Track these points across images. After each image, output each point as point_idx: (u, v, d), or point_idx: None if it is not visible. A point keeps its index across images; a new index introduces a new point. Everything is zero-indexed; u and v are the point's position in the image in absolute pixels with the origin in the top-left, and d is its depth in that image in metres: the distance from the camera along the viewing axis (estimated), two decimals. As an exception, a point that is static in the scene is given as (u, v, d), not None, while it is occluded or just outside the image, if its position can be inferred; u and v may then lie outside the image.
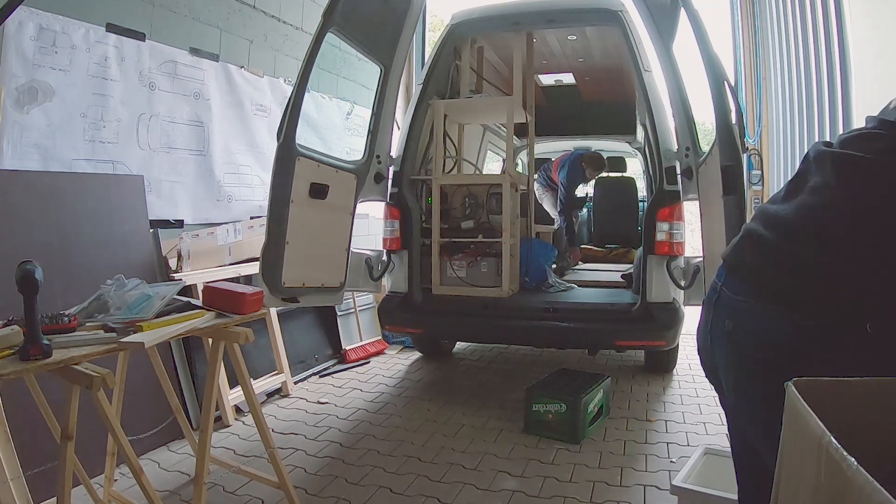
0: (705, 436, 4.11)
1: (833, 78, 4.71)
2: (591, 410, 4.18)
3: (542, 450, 3.91)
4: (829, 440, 0.94)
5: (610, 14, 4.66)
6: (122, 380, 2.96)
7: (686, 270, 4.38)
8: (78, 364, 2.14)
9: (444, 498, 3.26)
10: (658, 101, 4.52)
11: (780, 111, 6.53)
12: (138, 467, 2.40)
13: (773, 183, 6.95)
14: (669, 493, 2.87)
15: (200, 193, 4.74)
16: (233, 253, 4.78)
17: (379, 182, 4.76)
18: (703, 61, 3.27)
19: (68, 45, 3.68)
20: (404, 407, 4.76)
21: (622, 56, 5.48)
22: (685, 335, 4.54)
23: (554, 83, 7.37)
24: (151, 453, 3.78)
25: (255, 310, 2.87)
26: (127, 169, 4.10)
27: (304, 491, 3.30)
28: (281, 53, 5.62)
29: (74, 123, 3.76)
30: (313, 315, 5.88)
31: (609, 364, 5.99)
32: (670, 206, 4.34)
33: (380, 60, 4.64)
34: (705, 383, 5.20)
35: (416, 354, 6.40)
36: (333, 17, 3.80)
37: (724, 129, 3.20)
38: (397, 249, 4.79)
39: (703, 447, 3.04)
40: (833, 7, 4.66)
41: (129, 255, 3.94)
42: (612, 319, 4.52)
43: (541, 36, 5.85)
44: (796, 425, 1.14)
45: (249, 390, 2.92)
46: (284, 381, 4.99)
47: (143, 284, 2.75)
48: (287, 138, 3.70)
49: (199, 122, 4.68)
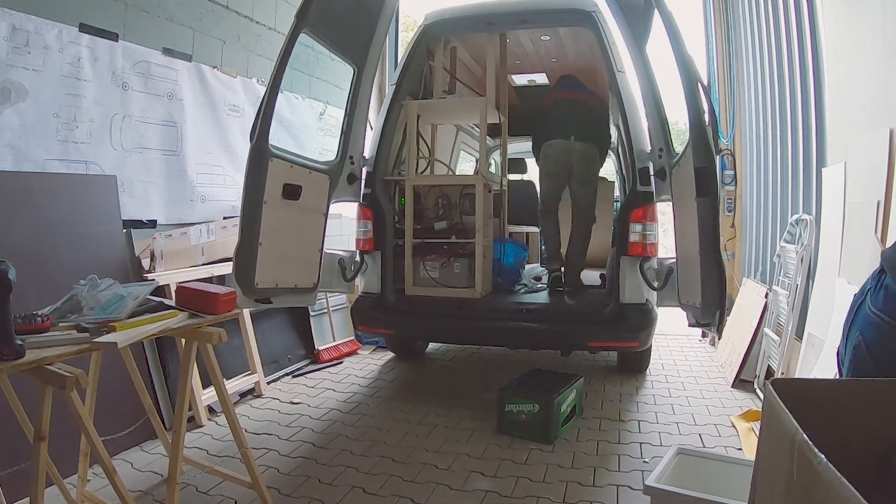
0: (678, 436, 4.16)
1: (806, 78, 4.77)
2: (563, 411, 4.21)
3: (515, 450, 3.93)
4: (802, 437, 0.98)
5: (583, 15, 4.68)
6: (96, 380, 2.95)
7: (659, 271, 4.40)
8: (51, 364, 2.15)
9: (417, 498, 3.28)
10: (631, 102, 4.52)
11: (753, 111, 6.59)
12: (111, 467, 2.40)
13: (746, 183, 7.04)
14: (642, 493, 2.87)
15: (173, 194, 4.72)
16: (206, 253, 4.77)
17: (352, 183, 4.76)
18: (676, 62, 3.30)
19: (41, 46, 3.66)
20: (377, 407, 4.77)
21: (595, 56, 5.48)
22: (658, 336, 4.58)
23: (527, 83, 7.40)
24: (124, 453, 3.77)
25: (228, 310, 2.88)
26: (100, 169, 4.08)
27: (278, 491, 3.32)
28: (254, 54, 5.61)
29: (47, 124, 3.74)
30: (286, 315, 5.88)
31: (582, 364, 6.03)
32: (643, 207, 4.35)
33: (353, 61, 4.65)
34: (678, 383, 5.32)
35: (390, 355, 6.42)
36: (306, 18, 3.81)
37: (698, 130, 3.23)
38: (370, 250, 4.79)
39: (676, 447, 3.04)
40: (806, 7, 4.71)
41: (103, 256, 3.93)
42: (584, 320, 4.54)
43: (514, 36, 5.86)
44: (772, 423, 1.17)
45: (222, 390, 2.93)
46: (257, 382, 4.99)
47: (116, 285, 2.75)
48: (260, 139, 3.70)
49: (172, 123, 4.67)
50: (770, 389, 1.19)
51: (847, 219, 3.90)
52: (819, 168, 4.55)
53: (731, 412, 4.56)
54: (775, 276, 5.28)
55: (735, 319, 6.01)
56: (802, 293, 4.62)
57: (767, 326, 5.19)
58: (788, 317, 4.69)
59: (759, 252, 6.32)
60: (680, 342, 7.06)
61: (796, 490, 1.00)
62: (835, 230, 4.06)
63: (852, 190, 3.85)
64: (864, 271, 3.40)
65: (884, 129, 3.39)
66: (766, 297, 5.35)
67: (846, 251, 3.88)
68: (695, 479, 2.74)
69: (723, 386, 5.30)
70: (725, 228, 7.08)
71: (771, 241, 5.82)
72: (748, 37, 6.63)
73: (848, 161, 3.92)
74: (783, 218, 5.42)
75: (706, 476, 2.83)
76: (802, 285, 4.62)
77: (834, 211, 4.12)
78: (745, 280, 6.46)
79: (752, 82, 6.63)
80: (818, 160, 4.59)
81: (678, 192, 3.89)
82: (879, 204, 3.37)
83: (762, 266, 6.10)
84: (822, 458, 0.89)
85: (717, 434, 4.18)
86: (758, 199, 6.46)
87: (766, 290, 5.45)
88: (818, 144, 4.59)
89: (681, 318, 4.13)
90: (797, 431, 1.00)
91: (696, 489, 2.55)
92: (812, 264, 4.56)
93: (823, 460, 0.89)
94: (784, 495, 1.07)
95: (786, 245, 4.99)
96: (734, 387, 5.23)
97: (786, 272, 4.97)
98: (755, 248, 6.54)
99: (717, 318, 3.32)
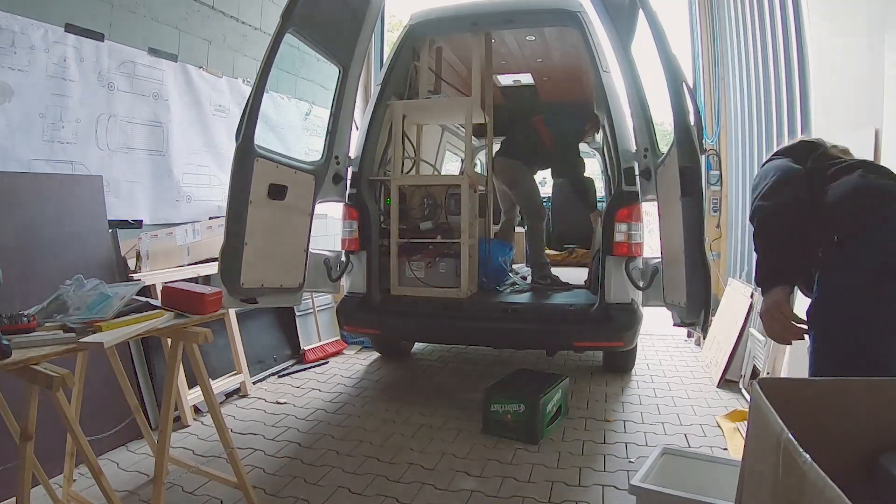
0: (664, 436, 4.17)
1: (791, 78, 4.78)
2: (549, 411, 4.20)
3: (501, 450, 3.93)
4: (787, 437, 0.99)
5: (568, 15, 4.70)
6: (82, 380, 2.96)
7: (644, 271, 4.40)
8: (37, 364, 2.15)
9: (403, 498, 3.28)
10: (616, 102, 4.54)
11: (738, 111, 6.61)
12: (97, 467, 2.41)
13: (731, 183, 7.06)
14: (628, 493, 2.86)
15: (159, 194, 4.72)
16: (192, 253, 4.77)
17: (337, 183, 4.76)
18: (661, 62, 3.31)
19: (27, 46, 3.66)
20: (363, 407, 4.78)
21: (581, 56, 5.52)
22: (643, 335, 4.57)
23: (513, 83, 7.40)
24: (110, 453, 3.77)
25: (214, 310, 2.89)
26: (86, 169, 4.08)
27: (263, 491, 3.32)
28: (240, 54, 5.61)
29: (33, 124, 3.74)
30: (272, 315, 5.89)
31: (568, 364, 6.05)
32: (629, 206, 4.36)
33: (338, 61, 4.66)
34: (663, 383, 5.34)
35: (375, 355, 6.42)
36: (292, 18, 3.81)
37: (683, 130, 3.23)
38: (356, 250, 4.79)
39: (662, 447, 3.03)
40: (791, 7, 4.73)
41: (88, 256, 3.93)
42: (570, 320, 4.54)
43: (499, 36, 5.86)
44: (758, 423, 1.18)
45: (208, 390, 2.94)
46: (243, 382, 4.99)
47: (102, 285, 2.75)
48: (246, 139, 3.70)
49: (157, 123, 4.67)
50: (757, 389, 1.20)
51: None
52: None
53: (716, 412, 4.58)
54: (761, 276, 5.25)
55: (720, 319, 6.02)
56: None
57: (753, 326, 5.19)
58: (774, 317, 4.66)
59: (745, 252, 6.33)
60: (665, 342, 7.09)
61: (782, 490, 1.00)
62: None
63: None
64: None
65: (868, 129, 3.39)
66: (751, 297, 5.34)
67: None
68: (680, 479, 2.74)
69: (708, 386, 5.32)
70: (711, 228, 7.13)
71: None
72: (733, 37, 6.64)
73: (833, 161, 3.90)
74: (769, 218, 5.38)
75: (691, 476, 2.83)
76: (788, 285, 4.59)
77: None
78: (731, 280, 6.46)
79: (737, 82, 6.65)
80: (803, 160, 4.56)
81: (663, 192, 3.90)
82: (864, 203, 3.36)
83: (748, 266, 6.11)
84: (807, 457, 0.90)
85: (703, 434, 4.20)
86: (743, 200, 6.47)
87: (751, 290, 5.43)
88: (803, 144, 4.57)
89: (666, 317, 4.14)
90: (783, 431, 1.00)
91: (682, 489, 2.56)
92: (798, 264, 4.53)
93: (809, 460, 0.90)
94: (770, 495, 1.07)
95: (772, 245, 4.95)
96: (719, 387, 5.25)
97: (771, 272, 4.94)
98: (740, 248, 6.56)
99: (702, 318, 3.32)
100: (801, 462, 0.91)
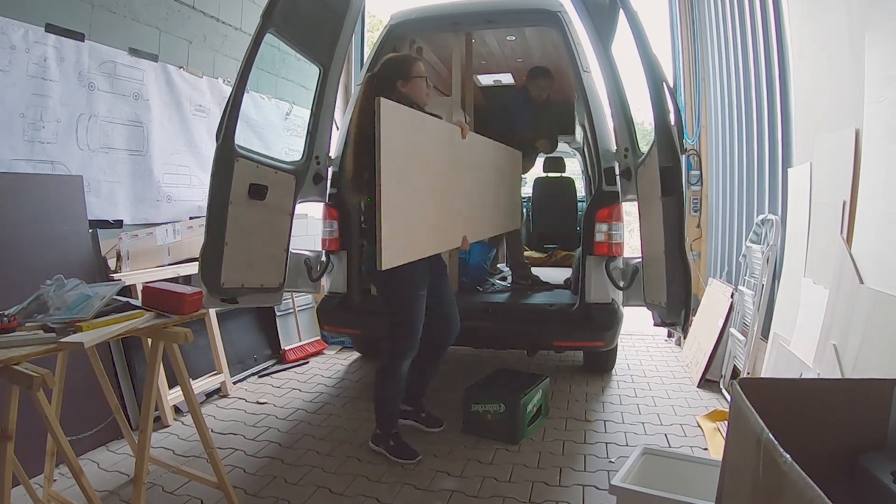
0: (644, 436, 4.20)
1: (772, 78, 4.82)
2: (529, 410, 4.22)
3: (481, 450, 3.95)
4: (768, 437, 1.01)
5: (549, 15, 4.70)
6: (62, 380, 2.96)
7: (625, 271, 4.44)
8: (17, 364, 2.16)
9: (384, 498, 3.30)
10: (597, 102, 4.55)
11: (719, 111, 6.63)
12: (78, 467, 2.42)
13: (712, 183, 7.10)
14: (608, 493, 2.91)
15: (139, 194, 4.71)
16: (172, 253, 4.76)
17: (318, 183, 4.76)
18: (641, 62, 3.34)
19: (7, 46, 3.64)
20: (343, 407, 4.79)
21: (561, 56, 5.51)
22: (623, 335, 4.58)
23: (493, 83, 7.43)
24: (91, 453, 3.76)
25: (195, 310, 2.90)
26: (66, 169, 4.07)
27: (244, 491, 3.33)
28: (220, 54, 5.61)
29: (13, 123, 3.73)
30: (252, 315, 5.88)
31: (548, 364, 6.05)
32: (609, 206, 4.38)
33: (319, 61, 4.66)
34: (644, 383, 5.38)
35: (356, 355, 6.42)
36: (272, 19, 3.81)
37: (663, 130, 3.27)
38: (336, 250, 4.78)
39: (642, 447, 3.05)
40: (772, 7, 4.76)
41: (69, 256, 3.92)
42: (550, 320, 4.57)
43: (480, 36, 5.87)
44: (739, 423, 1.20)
45: (188, 390, 2.95)
46: (223, 382, 4.99)
47: (82, 285, 2.76)
48: (226, 139, 3.70)
49: (138, 123, 4.66)
50: (737, 389, 1.21)
51: (812, 219, 3.92)
52: (785, 168, 4.59)
53: (696, 412, 4.61)
54: (741, 276, 5.33)
55: (701, 319, 6.06)
56: (768, 293, 4.66)
57: (733, 326, 5.24)
58: (754, 317, 4.73)
59: (725, 252, 6.38)
60: (646, 342, 7.10)
61: (762, 489, 1.02)
62: (800, 230, 4.08)
63: (818, 190, 3.88)
64: (830, 271, 3.45)
65: (849, 129, 3.41)
66: (731, 297, 5.41)
67: (812, 251, 3.90)
68: (660, 479, 2.77)
69: (688, 386, 5.34)
70: (691, 228, 7.16)
71: (737, 241, 5.88)
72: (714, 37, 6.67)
73: (813, 161, 3.94)
74: (749, 218, 5.47)
75: (672, 476, 2.84)
76: (768, 285, 4.66)
77: (799, 211, 4.14)
78: (711, 280, 6.51)
79: (717, 82, 6.68)
80: (784, 160, 4.63)
81: (644, 192, 3.94)
82: (845, 204, 3.39)
83: (728, 266, 6.17)
84: (787, 457, 0.92)
85: (683, 434, 4.22)
86: (724, 200, 6.52)
87: (731, 290, 5.50)
88: (784, 145, 4.64)
89: (647, 317, 4.18)
90: (763, 431, 1.02)
91: (662, 489, 2.58)
92: (778, 264, 4.60)
93: (789, 460, 0.91)
94: (750, 494, 1.09)
95: (751, 245, 5.03)
96: (700, 387, 5.28)
97: (752, 272, 5.01)
98: (721, 248, 6.60)
99: (682, 318, 3.35)
100: (781, 462, 0.92)
